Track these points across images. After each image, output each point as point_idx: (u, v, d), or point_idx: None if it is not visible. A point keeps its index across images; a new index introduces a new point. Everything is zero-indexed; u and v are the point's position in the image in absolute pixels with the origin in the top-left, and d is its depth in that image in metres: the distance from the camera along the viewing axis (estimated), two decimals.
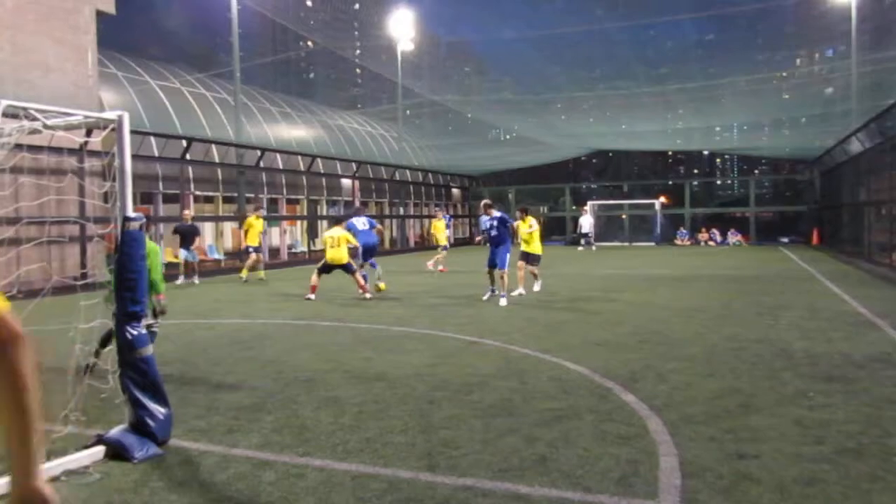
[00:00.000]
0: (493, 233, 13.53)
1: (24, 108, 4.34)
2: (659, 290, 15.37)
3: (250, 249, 18.86)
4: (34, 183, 6.36)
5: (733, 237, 36.59)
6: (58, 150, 10.42)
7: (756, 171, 70.34)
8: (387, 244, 35.35)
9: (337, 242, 13.98)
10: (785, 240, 36.50)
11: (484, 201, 14.22)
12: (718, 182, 77.30)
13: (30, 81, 16.60)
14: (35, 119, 4.47)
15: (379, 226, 17.15)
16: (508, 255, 13.49)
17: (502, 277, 13.17)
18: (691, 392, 6.41)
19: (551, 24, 27.72)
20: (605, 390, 6.52)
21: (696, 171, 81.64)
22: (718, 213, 44.81)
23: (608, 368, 7.39)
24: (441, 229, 21.92)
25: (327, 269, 14.05)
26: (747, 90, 27.61)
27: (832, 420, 5.48)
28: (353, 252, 14.67)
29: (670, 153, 74.69)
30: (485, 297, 13.52)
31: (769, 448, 4.83)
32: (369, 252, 15.42)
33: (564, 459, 4.65)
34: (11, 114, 4.26)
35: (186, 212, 18.80)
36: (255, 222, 18.93)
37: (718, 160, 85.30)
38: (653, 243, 37.63)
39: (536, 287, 14.65)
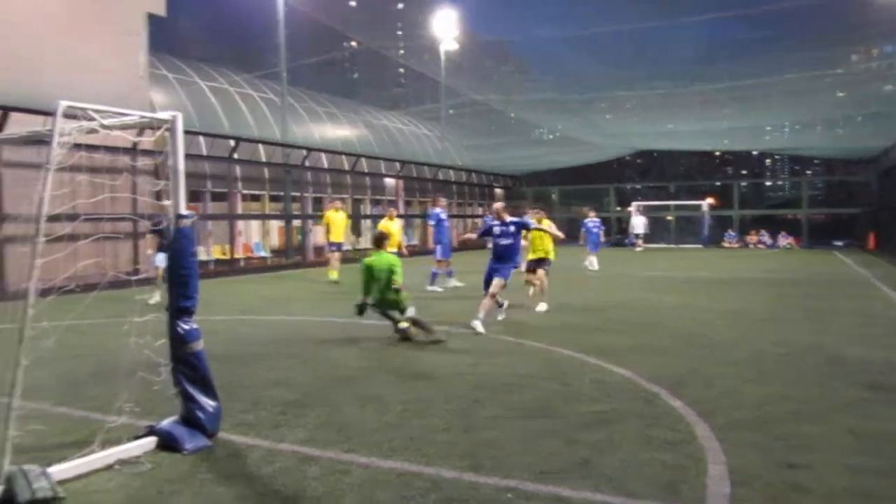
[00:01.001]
0: (504, 242, 10.47)
1: (83, 109, 4.47)
2: (705, 292, 15.12)
3: (332, 248, 17.71)
4: (90, 181, 6.54)
5: (784, 240, 35.75)
6: (112, 150, 10.73)
7: (808, 172, 68.58)
8: (429, 243, 35.52)
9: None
10: (839, 243, 35.41)
11: (498, 203, 11.23)
12: (768, 183, 75.62)
13: (84, 83, 17.03)
14: (92, 119, 4.60)
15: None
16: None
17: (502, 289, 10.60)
18: (739, 397, 6.29)
19: (594, 23, 27.38)
20: (650, 394, 6.44)
21: (744, 171, 79.93)
22: (768, 215, 43.82)
23: (653, 372, 7.30)
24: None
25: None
26: (799, 88, 26.88)
27: (888, 432, 5.32)
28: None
29: (717, 153, 73.27)
30: (500, 317, 11.03)
31: (820, 458, 4.72)
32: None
33: (608, 463, 4.61)
34: (70, 114, 4.39)
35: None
36: (334, 217, 17.72)
37: (768, 160, 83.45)
38: (700, 245, 37.00)
39: (542, 307, 12.18)
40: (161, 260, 12.72)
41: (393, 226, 14.82)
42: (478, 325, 9.91)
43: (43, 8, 16.55)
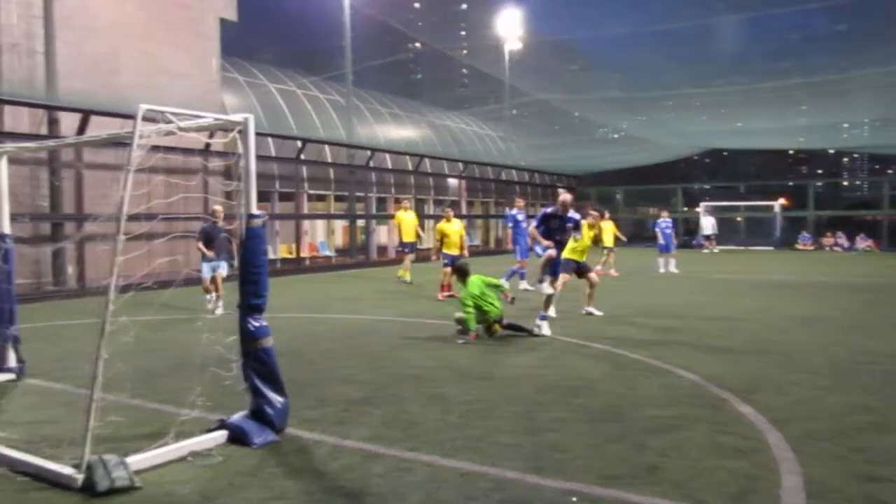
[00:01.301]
0: (561, 236, 9.92)
1: (161, 112, 4.63)
2: (779, 297, 14.64)
3: (403, 249, 17.48)
4: (165, 181, 6.78)
5: (862, 242, 34.24)
6: (186, 151, 11.12)
7: (890, 171, 65.67)
8: (492, 244, 35.47)
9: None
10: None
11: (568, 195, 10.40)
12: (845, 183, 72.76)
13: (159, 86, 17.70)
14: (169, 122, 4.76)
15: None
16: None
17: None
18: (815, 407, 6.06)
19: (664, 18, 26.78)
20: (719, 400, 6.27)
21: (820, 170, 77.11)
22: (846, 217, 42.14)
23: (723, 377, 7.10)
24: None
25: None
26: (882, 83, 25.70)
27: None
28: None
29: (791, 152, 70.81)
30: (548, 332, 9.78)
31: None
32: None
33: (676, 470, 4.51)
34: (149, 117, 4.56)
35: (217, 208, 12.33)
36: (403, 216, 17.37)
37: (846, 159, 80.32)
38: (771, 247, 35.86)
39: (552, 312, 10.72)
40: (208, 269, 11.29)
41: (450, 227, 14.33)
42: (544, 327, 9.70)
43: (123, 15, 17.23)
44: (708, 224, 32.53)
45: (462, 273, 9.70)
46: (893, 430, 5.38)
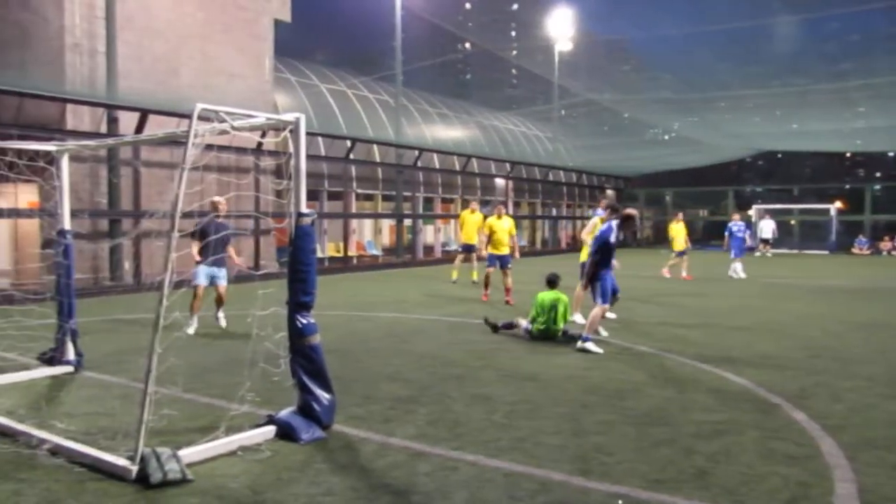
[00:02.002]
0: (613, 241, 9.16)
1: (216, 111, 4.74)
2: (833, 301, 14.23)
3: (461, 248, 17.68)
4: (218, 180, 6.94)
5: None
6: (239, 150, 11.30)
7: None
8: (538, 245, 35.29)
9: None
10: None
11: (609, 197, 9.64)
12: None
13: (216, 86, 18.09)
14: (223, 121, 4.87)
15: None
16: None
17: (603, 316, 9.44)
18: (872, 414, 5.88)
19: (720, 18, 26.24)
20: (770, 406, 6.14)
21: (878, 173, 74.57)
22: None
23: (774, 383, 6.95)
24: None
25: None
26: None
27: None
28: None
29: (848, 154, 68.65)
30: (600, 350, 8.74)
31: None
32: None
33: (726, 475, 4.43)
34: (204, 116, 4.67)
35: (218, 199, 9.81)
36: (469, 217, 16.94)
37: None
38: (826, 251, 34.85)
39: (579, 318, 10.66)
40: (204, 275, 9.59)
41: (500, 224, 13.61)
42: (591, 346, 8.64)
43: (182, 16, 17.65)
44: (768, 227, 31.82)
45: (551, 283, 9.76)
46: None
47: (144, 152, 16.52)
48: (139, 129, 15.86)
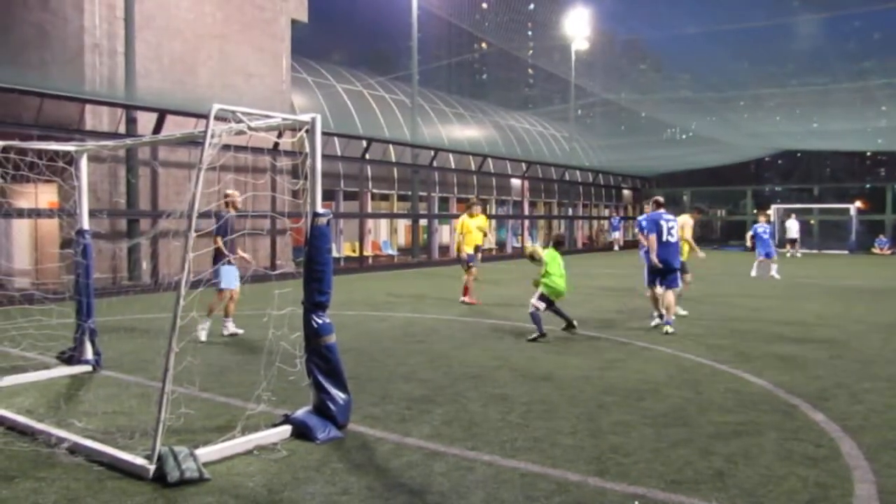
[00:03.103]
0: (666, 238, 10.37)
1: (233, 112, 4.76)
2: (853, 302, 14.06)
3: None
4: (234, 180, 6.98)
5: None
6: (256, 150, 11.32)
7: None
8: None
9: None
10: None
11: (656, 197, 11.10)
12: None
13: (234, 86, 18.21)
14: (240, 121, 4.88)
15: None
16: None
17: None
18: (892, 415, 5.80)
19: (739, 18, 26.02)
20: (789, 407, 6.07)
21: None
22: None
23: (794, 384, 6.87)
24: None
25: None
26: None
27: None
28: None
29: (869, 154, 67.84)
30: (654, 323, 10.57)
31: None
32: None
33: (744, 476, 4.39)
34: (221, 117, 4.68)
35: (232, 192, 8.92)
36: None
37: None
38: (846, 251, 34.46)
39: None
40: (234, 276, 9.23)
41: (472, 222, 13.33)
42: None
43: (201, 16, 17.76)
44: (794, 227, 31.54)
45: (558, 245, 10.03)
46: None
47: (162, 152, 16.64)
48: (157, 129, 15.98)
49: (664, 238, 10.35)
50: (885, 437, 5.20)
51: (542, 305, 9.45)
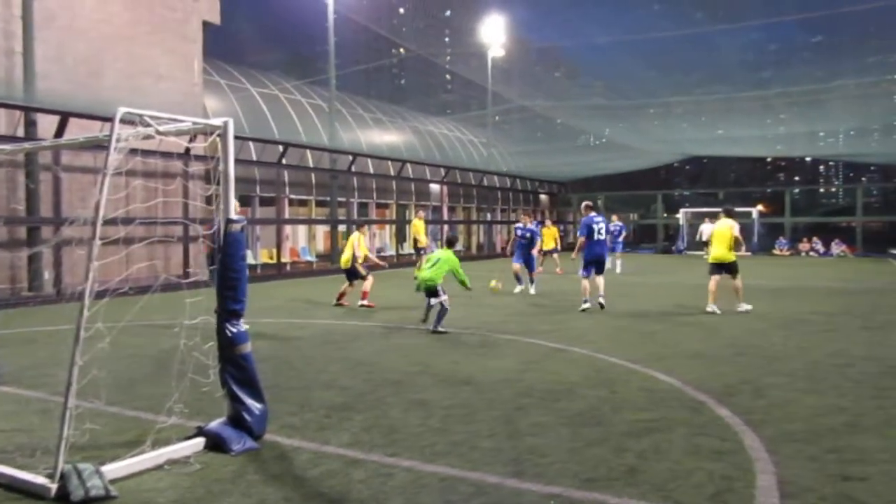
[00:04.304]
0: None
1: (140, 115, 4.60)
2: (756, 301, 14.76)
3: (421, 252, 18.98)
4: (144, 185, 6.74)
5: (837, 248, 34.65)
6: (166, 155, 10.98)
7: (864, 179, 66.65)
8: (473, 250, 35.49)
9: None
10: None
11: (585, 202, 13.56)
12: (822, 190, 73.72)
13: (142, 89, 17.58)
14: (148, 125, 4.72)
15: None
16: None
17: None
18: (791, 408, 6.13)
19: (647, 28, 27.06)
20: (697, 403, 6.33)
21: (797, 178, 78.07)
22: (821, 223, 42.68)
23: (701, 381, 7.17)
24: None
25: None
26: (856, 94, 26.17)
27: None
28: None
29: (770, 159, 71.58)
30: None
31: (877, 471, 4.57)
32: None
33: (655, 472, 4.54)
34: (128, 120, 4.52)
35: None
36: (418, 224, 19.30)
37: (822, 167, 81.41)
38: (749, 253, 36.18)
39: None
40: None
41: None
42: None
43: (108, 16, 17.07)
44: (707, 231, 32.89)
45: (450, 243, 11.50)
46: (866, 431, 5.46)
47: (66, 157, 15.91)
48: (59, 132, 15.26)
49: (595, 237, 12.66)
50: (785, 430, 5.48)
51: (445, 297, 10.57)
